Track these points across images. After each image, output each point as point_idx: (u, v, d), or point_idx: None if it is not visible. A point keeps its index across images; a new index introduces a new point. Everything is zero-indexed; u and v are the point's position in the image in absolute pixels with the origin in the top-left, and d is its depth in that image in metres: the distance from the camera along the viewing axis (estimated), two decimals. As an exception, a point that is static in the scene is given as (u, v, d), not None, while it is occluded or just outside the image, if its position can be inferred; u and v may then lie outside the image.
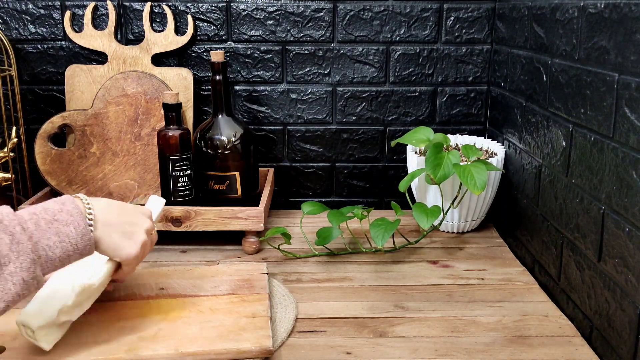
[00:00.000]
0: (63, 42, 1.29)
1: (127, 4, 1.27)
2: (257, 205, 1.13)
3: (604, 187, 0.81)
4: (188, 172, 1.15)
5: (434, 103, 1.34)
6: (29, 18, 1.27)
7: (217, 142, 1.16)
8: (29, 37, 1.29)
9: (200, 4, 1.28)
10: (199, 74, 1.31)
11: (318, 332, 0.84)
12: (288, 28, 1.30)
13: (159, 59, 1.30)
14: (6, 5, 1.27)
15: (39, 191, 1.21)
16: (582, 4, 0.87)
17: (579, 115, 0.88)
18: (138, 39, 1.29)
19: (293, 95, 1.33)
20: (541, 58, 1.03)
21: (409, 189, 1.23)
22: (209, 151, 1.16)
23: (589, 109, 0.85)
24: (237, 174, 1.18)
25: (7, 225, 0.64)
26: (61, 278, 0.79)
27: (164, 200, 0.94)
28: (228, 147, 1.16)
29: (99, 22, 1.28)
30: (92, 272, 0.79)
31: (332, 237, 1.09)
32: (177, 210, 1.11)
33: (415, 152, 1.23)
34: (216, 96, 1.17)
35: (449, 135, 1.29)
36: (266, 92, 1.33)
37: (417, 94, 1.34)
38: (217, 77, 1.16)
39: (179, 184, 1.14)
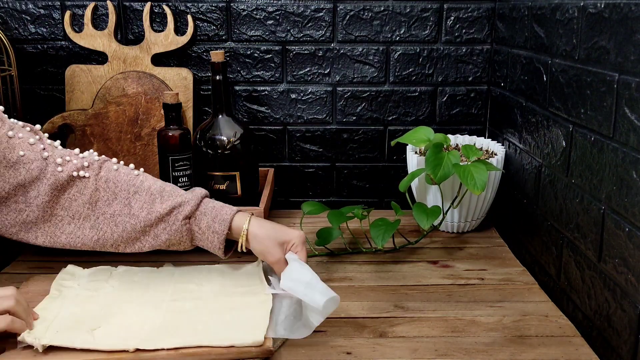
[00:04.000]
0: (63, 42, 1.29)
1: (127, 4, 1.27)
2: (257, 205, 1.13)
3: (604, 187, 0.81)
4: (188, 172, 1.14)
5: (434, 103, 1.34)
6: (29, 18, 1.27)
7: (217, 142, 1.16)
8: (29, 37, 1.29)
9: (200, 4, 1.28)
10: (199, 74, 1.31)
11: (318, 332, 0.84)
12: (288, 28, 1.30)
13: (159, 59, 1.29)
14: (6, 5, 1.27)
15: (39, 191, 1.20)
16: (582, 4, 0.87)
17: (579, 115, 0.88)
18: (138, 39, 1.29)
19: (293, 95, 1.33)
20: (541, 58, 1.03)
21: (409, 189, 1.23)
22: (209, 151, 1.16)
23: (589, 109, 0.85)
24: (237, 173, 1.18)
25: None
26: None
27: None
28: (228, 147, 1.16)
29: (99, 22, 1.28)
30: None
31: (332, 238, 1.09)
32: (177, 210, 1.11)
33: (415, 152, 1.23)
34: (216, 96, 1.17)
35: (449, 135, 1.29)
36: (266, 92, 1.33)
37: (417, 94, 1.34)
38: (217, 77, 1.16)
39: (179, 184, 1.13)
